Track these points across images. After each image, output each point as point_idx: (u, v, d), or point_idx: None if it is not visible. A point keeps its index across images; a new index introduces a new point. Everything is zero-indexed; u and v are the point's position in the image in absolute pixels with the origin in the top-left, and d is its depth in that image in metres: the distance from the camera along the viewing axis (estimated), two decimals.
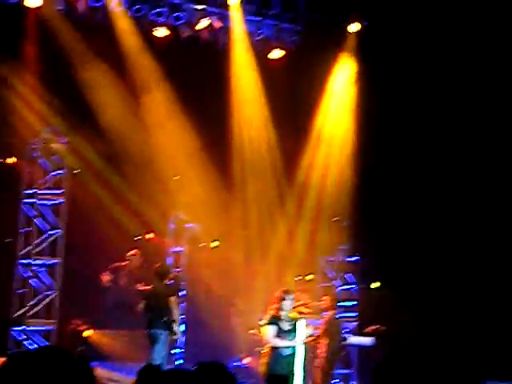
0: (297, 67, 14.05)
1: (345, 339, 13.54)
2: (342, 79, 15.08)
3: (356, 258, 15.47)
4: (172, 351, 13.99)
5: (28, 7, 12.86)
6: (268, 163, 14.94)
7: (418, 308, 13.48)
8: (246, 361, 12.24)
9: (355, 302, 15.25)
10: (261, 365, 9.30)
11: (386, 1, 13.87)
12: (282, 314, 9.31)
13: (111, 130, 13.68)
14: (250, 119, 14.86)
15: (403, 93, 13.64)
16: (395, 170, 13.91)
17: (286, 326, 9.35)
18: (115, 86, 13.71)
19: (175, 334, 10.86)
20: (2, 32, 12.34)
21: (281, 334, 9.28)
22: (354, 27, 14.68)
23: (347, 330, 13.96)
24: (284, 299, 9.30)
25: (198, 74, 13.28)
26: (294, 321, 9.41)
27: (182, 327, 14.48)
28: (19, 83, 13.06)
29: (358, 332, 14.07)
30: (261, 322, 9.81)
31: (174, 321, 10.81)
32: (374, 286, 15.32)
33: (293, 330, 9.35)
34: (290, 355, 9.27)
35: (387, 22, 13.81)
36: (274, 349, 9.26)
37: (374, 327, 14.15)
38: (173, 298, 10.91)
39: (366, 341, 13.67)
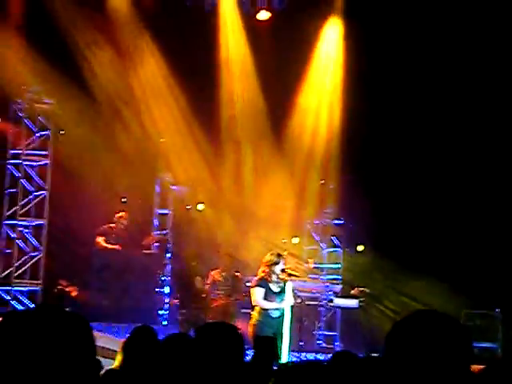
0: (284, 28, 13.92)
1: (330, 301, 13.64)
2: (330, 41, 14.99)
3: (341, 221, 15.52)
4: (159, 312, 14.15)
5: None
6: (256, 126, 14.86)
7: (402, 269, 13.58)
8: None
9: (340, 265, 15.35)
10: (250, 326, 9.31)
11: None
12: (273, 276, 9.33)
13: (97, 91, 13.55)
14: (238, 81, 14.75)
15: (391, 54, 13.56)
16: (383, 134, 13.87)
17: (275, 288, 9.36)
18: (102, 46, 13.55)
19: None
20: None
21: (270, 296, 9.30)
22: None
23: (332, 292, 14.05)
24: (277, 263, 9.31)
25: (185, 36, 13.17)
26: (283, 283, 9.43)
27: (167, 289, 14.54)
28: (3, 41, 12.85)
29: (343, 294, 14.14)
30: (249, 284, 9.81)
31: None
32: (359, 249, 15.38)
33: (281, 292, 9.38)
34: (278, 317, 9.29)
35: None
36: (263, 310, 9.28)
37: (358, 290, 14.25)
38: None
39: (351, 303, 13.78)
